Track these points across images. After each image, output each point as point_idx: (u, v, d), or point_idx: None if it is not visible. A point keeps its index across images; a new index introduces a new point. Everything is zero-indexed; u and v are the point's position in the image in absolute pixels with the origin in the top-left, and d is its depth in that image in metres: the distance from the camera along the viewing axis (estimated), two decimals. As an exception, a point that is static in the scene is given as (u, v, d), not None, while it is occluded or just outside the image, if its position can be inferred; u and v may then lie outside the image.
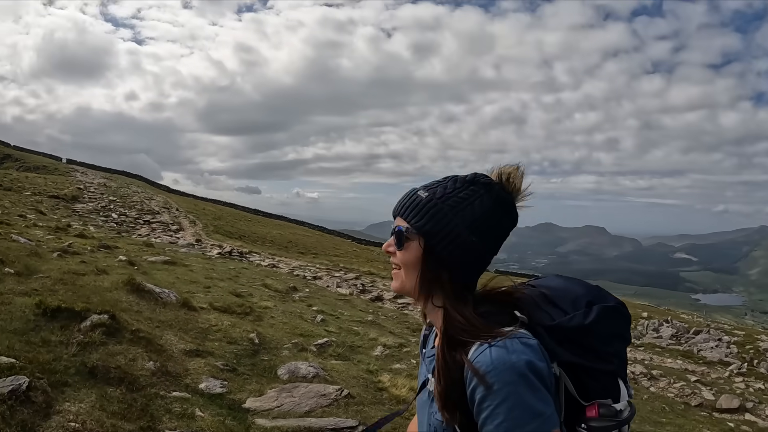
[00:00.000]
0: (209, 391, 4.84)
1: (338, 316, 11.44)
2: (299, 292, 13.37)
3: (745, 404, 12.07)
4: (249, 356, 6.41)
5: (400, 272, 1.56)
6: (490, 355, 1.31)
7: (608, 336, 1.46)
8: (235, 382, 5.33)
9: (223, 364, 5.66)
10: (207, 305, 8.13)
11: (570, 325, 1.44)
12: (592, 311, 1.45)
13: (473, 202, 1.48)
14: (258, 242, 33.02)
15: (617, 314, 1.50)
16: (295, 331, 8.49)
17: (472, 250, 1.48)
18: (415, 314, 16.17)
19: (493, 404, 1.28)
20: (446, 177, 1.57)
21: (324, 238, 49.73)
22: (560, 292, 1.55)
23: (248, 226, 42.04)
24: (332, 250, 38.45)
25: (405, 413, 2.08)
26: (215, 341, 6.45)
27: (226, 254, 19.54)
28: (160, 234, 26.01)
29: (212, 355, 5.88)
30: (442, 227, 1.48)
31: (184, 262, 13.46)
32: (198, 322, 6.96)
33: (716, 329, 27.05)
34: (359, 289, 18.14)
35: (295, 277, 17.73)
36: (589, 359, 1.42)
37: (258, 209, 62.65)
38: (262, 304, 9.78)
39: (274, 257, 23.45)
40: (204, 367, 5.37)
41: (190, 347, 5.76)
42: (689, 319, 32.13)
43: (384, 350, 9.17)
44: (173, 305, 7.15)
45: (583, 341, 1.43)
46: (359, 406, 5.55)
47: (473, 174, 1.55)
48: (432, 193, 1.52)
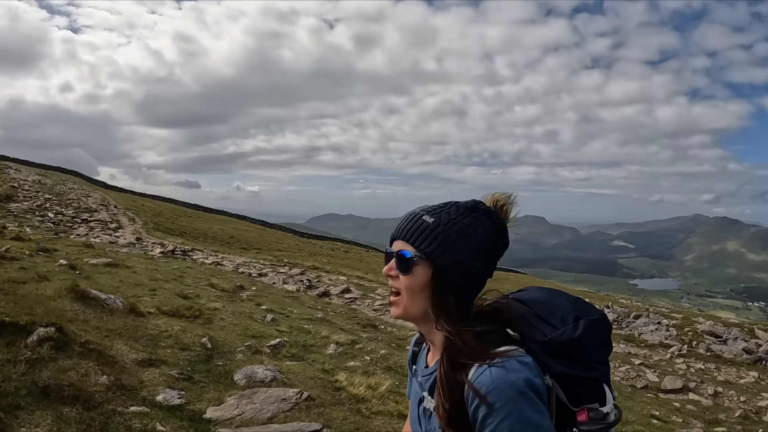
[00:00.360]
0: (167, 402, 4.69)
1: (288, 314, 11.31)
2: (246, 291, 13.15)
3: (688, 384, 12.57)
4: (203, 362, 6.26)
5: (401, 298, 1.60)
6: (491, 376, 1.41)
7: (594, 346, 1.57)
8: (193, 392, 5.18)
9: (178, 373, 5.49)
10: (155, 310, 7.89)
11: (561, 340, 1.53)
12: (580, 325, 1.55)
13: (477, 229, 1.57)
14: (200, 239, 32.35)
15: (601, 326, 1.60)
16: (247, 332, 8.34)
17: (477, 276, 1.58)
18: (364, 310, 16.18)
19: (496, 421, 1.37)
20: (447, 202, 1.64)
21: (266, 233, 49.13)
22: (548, 307, 1.64)
23: (189, 222, 41.11)
24: (275, 245, 38.04)
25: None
26: (167, 348, 6.26)
27: (168, 253, 19.05)
28: (99, 233, 25.13)
29: (166, 363, 5.70)
30: (450, 253, 1.54)
31: (126, 263, 13.02)
32: (147, 328, 6.74)
33: (655, 313, 28.10)
34: (306, 285, 18.01)
35: (240, 274, 17.43)
36: (579, 369, 1.52)
37: (198, 204, 61.35)
38: (210, 306, 9.57)
39: (217, 254, 23.01)
40: (159, 377, 5.20)
41: (142, 357, 5.56)
42: (629, 304, 33.29)
43: (337, 348, 9.13)
44: (120, 312, 6.90)
45: (573, 354, 1.53)
46: (320, 408, 5.50)
47: (473, 201, 1.64)
48: (438, 219, 1.58)
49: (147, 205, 45.02)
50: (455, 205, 1.62)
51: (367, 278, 24.39)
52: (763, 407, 12.02)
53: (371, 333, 11.94)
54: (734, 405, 12.04)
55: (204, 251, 23.09)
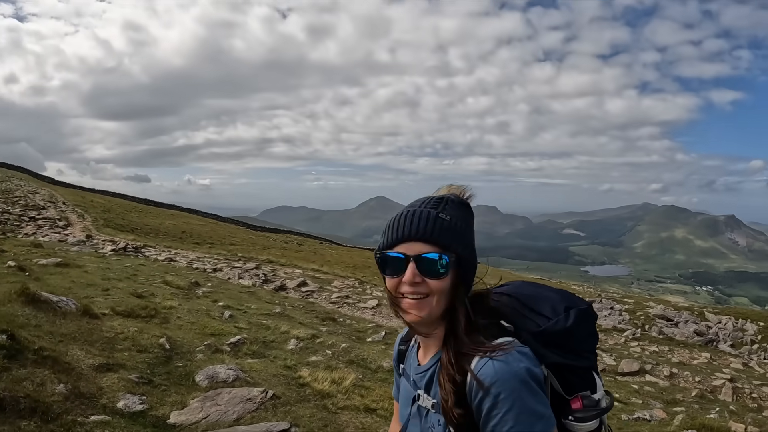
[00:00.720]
0: (129, 409, 4.54)
1: (246, 310, 11.15)
2: (202, 287, 12.91)
3: (644, 366, 12.91)
4: (162, 364, 6.09)
5: (427, 300, 1.56)
6: (494, 367, 1.44)
7: (585, 336, 1.63)
8: (155, 396, 5.03)
9: (138, 377, 5.33)
10: (109, 311, 7.65)
11: (554, 330, 1.57)
12: (571, 315, 1.59)
13: (471, 223, 1.64)
14: (151, 234, 31.57)
15: (589, 315, 1.65)
16: (205, 330, 8.18)
17: (476, 268, 1.64)
18: (321, 302, 16.08)
19: (501, 412, 1.41)
20: (440, 197, 1.62)
21: (219, 227, 48.36)
22: (538, 299, 1.68)
23: (140, 217, 40.08)
24: (228, 239, 37.47)
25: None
26: (124, 351, 6.07)
27: (120, 250, 18.51)
28: (48, 231, 24.18)
29: (124, 367, 5.52)
30: (469, 250, 1.59)
31: (77, 262, 12.58)
32: (102, 331, 6.52)
33: (608, 298, 28.81)
34: (262, 280, 17.78)
35: (194, 270, 17.09)
36: (571, 358, 1.57)
37: (149, 199, 60.03)
38: (166, 304, 9.34)
39: (170, 250, 22.50)
40: (118, 382, 5.03)
41: (99, 361, 5.37)
42: (581, 291, 34.04)
43: (298, 343, 9.04)
44: (74, 314, 6.65)
45: (566, 343, 1.57)
46: (286, 407, 5.43)
47: (459, 196, 1.65)
48: (451, 216, 1.58)
49: (96, 200, 43.69)
50: (449, 200, 1.61)
51: (322, 270, 24.23)
52: (717, 386, 12.41)
53: (331, 326, 11.87)
54: (690, 385, 12.41)
55: (156, 247, 22.54)
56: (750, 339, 22.79)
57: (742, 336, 23.03)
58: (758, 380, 13.87)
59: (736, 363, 16.51)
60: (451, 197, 1.62)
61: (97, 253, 17.05)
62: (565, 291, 1.75)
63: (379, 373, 8.61)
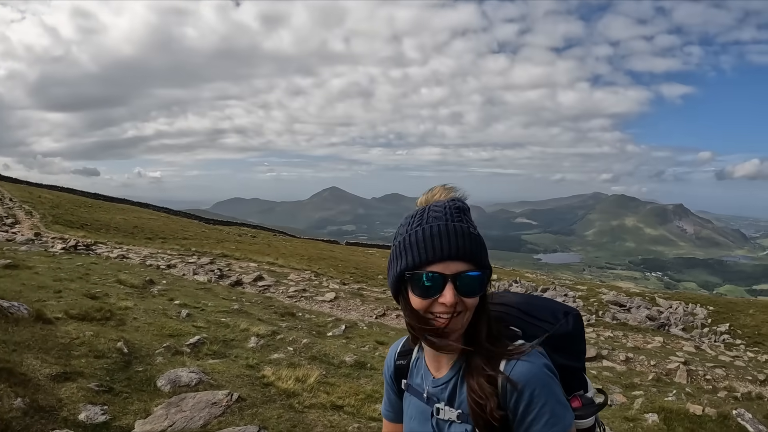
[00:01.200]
0: (91, 421, 4.38)
1: (203, 308, 10.97)
2: (157, 285, 12.63)
3: (601, 352, 13.23)
4: (122, 370, 5.93)
5: (459, 318, 1.54)
6: (524, 367, 1.52)
7: (581, 338, 1.75)
8: (117, 405, 4.88)
9: (97, 385, 5.16)
10: (63, 314, 7.39)
11: (559, 334, 1.67)
12: (570, 319, 1.72)
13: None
14: (102, 230, 30.71)
15: (580, 319, 1.78)
16: (163, 331, 8.00)
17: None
18: (279, 297, 15.95)
19: (537, 407, 1.48)
20: (457, 208, 1.58)
21: (171, 221, 47.38)
22: (535, 307, 1.76)
23: (90, 212, 38.88)
24: (180, 233, 36.76)
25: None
26: (81, 358, 5.87)
27: (71, 248, 17.93)
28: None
29: (82, 375, 5.34)
30: (488, 263, 1.59)
31: (27, 263, 12.11)
32: (57, 337, 6.29)
33: (561, 286, 29.40)
34: (217, 275, 17.53)
35: (148, 267, 16.71)
36: (572, 360, 1.69)
37: (98, 193, 58.29)
38: (121, 305, 9.10)
39: (122, 246, 21.94)
40: (78, 392, 4.85)
41: (56, 370, 5.18)
42: (535, 278, 34.64)
43: (258, 341, 8.95)
44: (26, 320, 6.40)
45: (569, 346, 1.69)
46: (253, 409, 5.35)
47: (464, 203, 1.62)
48: (476, 229, 1.58)
49: (44, 196, 42.23)
50: (462, 210, 1.58)
51: (278, 264, 24.04)
52: (672, 369, 12.85)
53: (290, 322, 11.78)
54: (646, 369, 12.81)
55: (108, 244, 21.94)
56: (700, 323, 23.65)
57: (693, 320, 23.88)
58: (711, 362, 14.43)
59: (689, 346, 17.09)
60: (460, 205, 1.59)
61: (47, 253, 16.48)
62: (551, 299, 1.86)
63: (342, 368, 8.58)
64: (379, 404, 6.68)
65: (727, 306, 26.76)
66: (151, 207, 59.21)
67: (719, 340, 21.61)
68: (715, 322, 23.97)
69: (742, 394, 11.11)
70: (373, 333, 12.21)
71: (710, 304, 26.65)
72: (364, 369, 8.81)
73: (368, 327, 12.97)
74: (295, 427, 5.18)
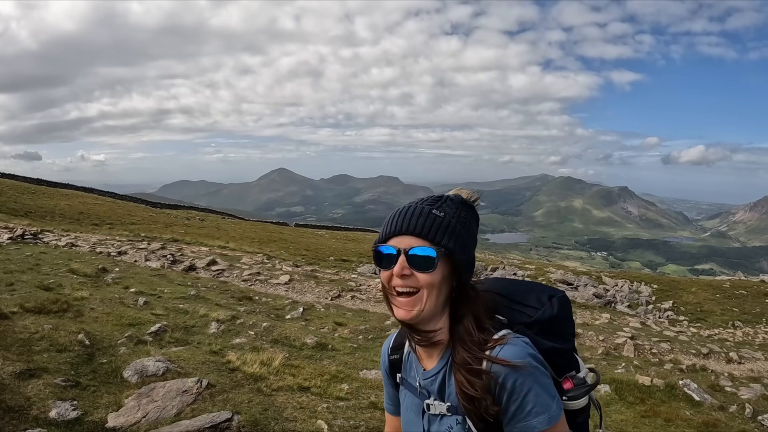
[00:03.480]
0: (63, 417, 4.35)
1: (159, 295, 10.85)
2: (110, 274, 12.38)
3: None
4: (86, 363, 5.86)
5: (417, 296, 1.58)
6: (510, 351, 1.53)
7: (567, 320, 1.73)
8: (86, 399, 4.85)
9: (63, 380, 5.10)
10: (18, 308, 7.21)
11: (544, 318, 1.67)
12: (555, 303, 1.71)
13: (471, 223, 1.67)
14: (47, 218, 29.71)
15: (567, 300, 1.76)
16: (123, 320, 7.91)
17: (474, 262, 1.68)
18: (234, 281, 15.84)
19: (521, 396, 1.48)
20: (438, 197, 1.68)
21: (117, 205, 46.08)
22: (521, 293, 1.77)
23: (33, 199, 37.37)
24: (128, 218, 35.87)
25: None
26: (43, 353, 5.78)
27: (17, 238, 17.30)
28: (-66, 223, 22.28)
29: (47, 371, 5.27)
30: (463, 247, 1.60)
31: (-27, 256, 11.75)
32: (16, 332, 6.17)
33: (510, 265, 29.91)
34: (170, 261, 17.27)
35: (99, 255, 16.29)
36: (559, 342, 1.68)
37: (41, 178, 55.88)
38: (76, 295, 8.93)
39: (69, 234, 21.27)
40: (45, 389, 4.80)
41: (20, 368, 5.09)
42: (484, 257, 35.09)
43: (219, 326, 8.95)
44: (-19, 318, 6.28)
45: (554, 329, 1.68)
46: (223, 395, 5.39)
47: (459, 196, 1.67)
48: (445, 213, 1.61)
49: (-15, 183, 40.52)
50: (448, 198, 1.65)
51: (229, 247, 23.82)
52: (620, 344, 13.39)
53: (248, 306, 11.76)
54: (595, 344, 13.31)
55: (54, 232, 21.23)
56: (645, 300, 24.50)
57: (638, 297, 24.71)
58: (656, 337, 15.03)
59: (635, 322, 17.75)
60: (452, 196, 1.66)
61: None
62: (537, 283, 1.91)
63: (304, 350, 8.66)
64: (344, 384, 6.80)
65: (670, 284, 27.56)
66: (96, 192, 57.39)
67: (663, 317, 22.30)
68: (659, 300, 24.71)
69: (687, 366, 11.54)
70: (330, 314, 12.31)
71: (654, 283, 27.41)
72: (325, 350, 8.91)
73: (325, 309, 13.06)
74: (266, 410, 5.24)
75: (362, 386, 6.85)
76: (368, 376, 7.58)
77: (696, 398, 8.38)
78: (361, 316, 12.70)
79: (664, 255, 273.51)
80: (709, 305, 23.85)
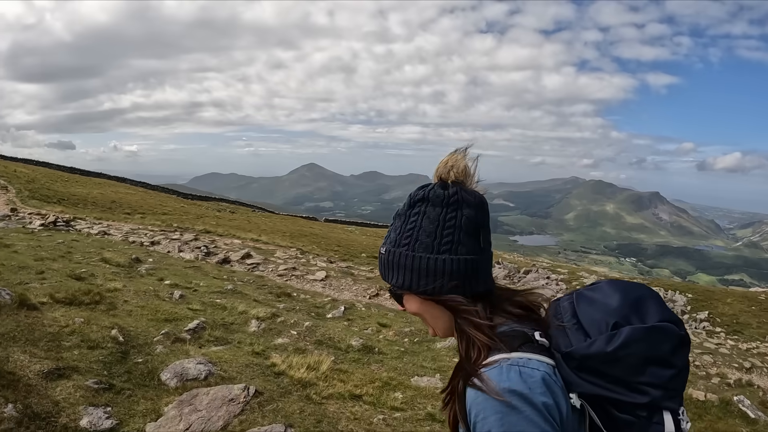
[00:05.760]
0: (96, 427, 3.75)
1: (195, 288, 10.32)
2: (144, 264, 11.91)
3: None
4: (119, 362, 5.30)
5: (429, 324, 1.43)
6: (471, 388, 1.21)
7: (641, 363, 1.19)
8: (121, 405, 4.25)
9: (96, 382, 4.52)
10: (48, 299, 6.70)
11: (587, 353, 1.21)
12: (620, 335, 1.20)
13: (421, 225, 1.34)
14: (80, 205, 29.62)
15: (658, 335, 1.20)
16: (158, 315, 7.38)
17: (465, 266, 1.31)
18: (270, 276, 15.34)
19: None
20: (407, 206, 1.39)
21: (148, 195, 46.25)
22: (591, 308, 1.29)
23: (66, 187, 37.57)
24: (159, 208, 35.76)
25: None
26: (74, 349, 5.22)
27: (50, 225, 17.02)
28: (-31, 206, 22.31)
29: (77, 371, 4.69)
30: (406, 271, 1.34)
31: (4, 241, 11.25)
32: (45, 325, 5.62)
33: (543, 268, 29.15)
34: (204, 252, 16.84)
35: (131, 244, 15.92)
36: (617, 391, 1.19)
37: (74, 167, 56.59)
38: (109, 286, 8.44)
39: (101, 222, 21.04)
40: (75, 392, 4.22)
41: (48, 366, 4.52)
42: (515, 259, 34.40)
43: (259, 324, 8.39)
44: (9, 307, 5.71)
45: (607, 371, 1.20)
46: (273, 404, 4.80)
47: (415, 193, 1.38)
48: (389, 245, 1.39)
49: (20, 170, 40.69)
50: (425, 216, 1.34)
51: (262, 240, 23.36)
52: None
53: (287, 302, 11.19)
54: None
55: (87, 219, 21.00)
56: (680, 309, 24.10)
57: (673, 306, 24.37)
58: (697, 349, 14.56)
59: None
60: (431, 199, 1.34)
61: (26, 229, 15.60)
62: (640, 297, 1.28)
63: (350, 353, 8.07)
64: (397, 392, 6.24)
65: (705, 294, 26.65)
66: (129, 181, 57.94)
67: (700, 328, 21.68)
68: (694, 310, 23.99)
69: (734, 381, 11.06)
70: (372, 314, 11.70)
71: (689, 292, 26.60)
72: (372, 354, 8.32)
73: (366, 308, 12.45)
74: (320, 422, 4.66)
75: (417, 395, 6.23)
76: (420, 384, 6.96)
77: (751, 415, 8.07)
78: (404, 317, 12.07)
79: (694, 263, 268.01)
80: (745, 317, 22.94)
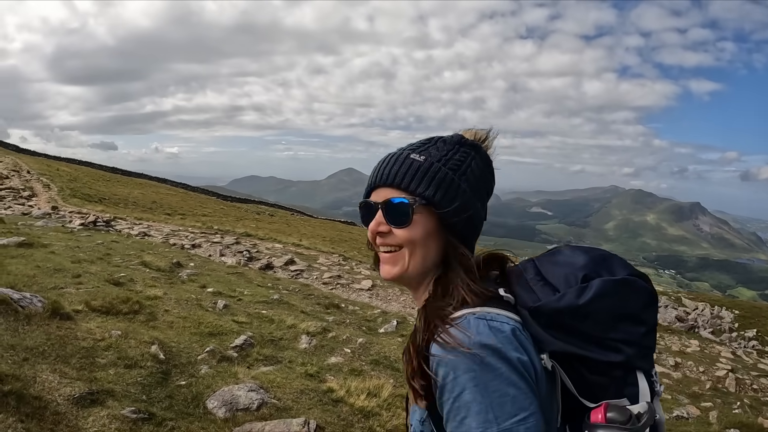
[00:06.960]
0: (133, 476, 3.09)
1: (239, 297, 9.68)
2: (185, 269, 11.35)
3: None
4: (160, 384, 4.65)
5: (399, 254, 1.26)
6: (439, 343, 1.10)
7: (614, 318, 1.10)
8: (163, 443, 3.59)
9: (133, 411, 3.84)
10: (83, 306, 6.10)
11: (558, 307, 1.11)
12: (591, 287, 1.11)
13: (471, 164, 1.28)
14: (120, 205, 29.63)
15: (628, 289, 1.12)
16: (202, 328, 6.73)
17: (478, 216, 1.29)
18: (315, 284, 14.67)
19: (453, 395, 1.06)
20: (429, 138, 1.34)
21: (188, 197, 46.53)
22: (557, 265, 1.23)
23: (107, 186, 37.89)
24: (199, 210, 35.72)
25: None
26: (109, 368, 4.58)
27: (89, 224, 16.69)
28: (11, 203, 22.18)
29: (113, 395, 4.03)
30: (452, 194, 1.23)
31: (42, 241, 10.78)
32: (78, 338, 5.00)
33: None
34: (246, 257, 16.28)
35: (172, 247, 15.47)
36: (588, 348, 1.10)
37: (116, 167, 57.72)
38: (149, 294, 7.84)
39: (142, 222, 20.77)
40: (110, 423, 3.55)
41: (79, 390, 3.87)
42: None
43: (310, 340, 7.69)
44: (40, 316, 5.10)
45: (578, 326, 1.10)
46: (337, 444, 4.07)
47: (458, 135, 1.33)
48: (428, 156, 1.26)
49: (62, 169, 41.21)
50: (440, 139, 1.31)
51: (303, 245, 22.81)
52: (721, 377, 11.95)
53: (337, 315, 10.48)
54: (696, 376, 11.93)
55: (127, 219, 20.75)
56: (728, 327, 23.41)
57: (720, 323, 23.70)
58: (753, 371, 13.68)
59: (726, 352, 16.37)
60: (446, 138, 1.31)
61: (65, 228, 15.23)
62: (607, 254, 1.23)
63: (409, 375, 7.32)
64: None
65: (752, 310, 25.86)
66: (169, 182, 58.74)
67: (749, 346, 20.86)
68: (742, 327, 23.23)
69: None
70: (425, 330, 10.94)
71: (735, 308, 25.80)
72: (432, 376, 7.56)
73: (418, 322, 11.70)
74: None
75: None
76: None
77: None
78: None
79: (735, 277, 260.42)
80: (794, 336, 22.12)
